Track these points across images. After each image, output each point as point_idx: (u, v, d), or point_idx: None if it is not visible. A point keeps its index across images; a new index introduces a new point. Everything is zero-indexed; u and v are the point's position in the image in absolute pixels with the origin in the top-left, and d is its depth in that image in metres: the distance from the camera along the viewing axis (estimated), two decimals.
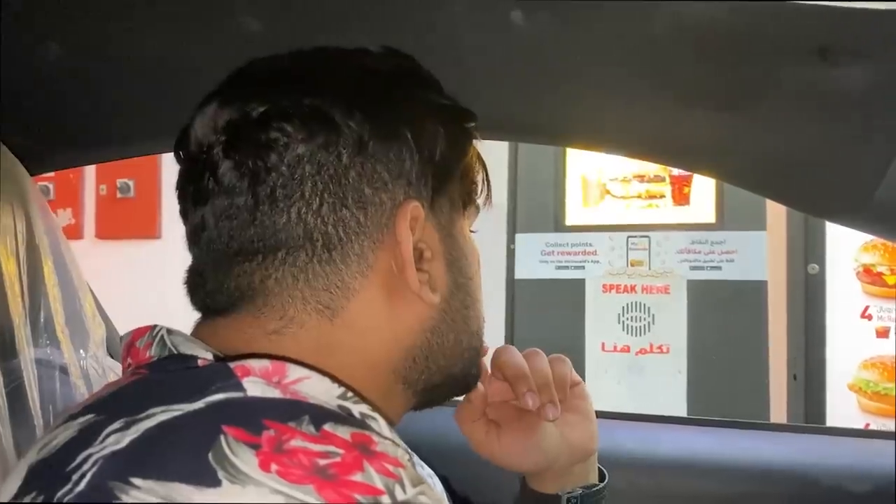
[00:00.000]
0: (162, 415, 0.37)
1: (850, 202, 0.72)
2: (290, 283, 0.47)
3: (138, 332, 0.48)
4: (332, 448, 0.35)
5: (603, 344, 2.19)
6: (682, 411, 2.07)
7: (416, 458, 0.41)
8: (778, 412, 2.13)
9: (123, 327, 0.51)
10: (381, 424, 0.42)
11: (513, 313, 2.18)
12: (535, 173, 2.21)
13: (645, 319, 2.15)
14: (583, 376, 0.67)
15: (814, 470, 0.98)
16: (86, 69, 0.74)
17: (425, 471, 0.79)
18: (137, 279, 2.51)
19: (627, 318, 2.16)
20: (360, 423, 0.41)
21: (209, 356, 0.44)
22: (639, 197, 2.17)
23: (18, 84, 0.72)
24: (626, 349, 2.16)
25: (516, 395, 0.62)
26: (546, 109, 0.78)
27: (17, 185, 0.72)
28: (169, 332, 0.46)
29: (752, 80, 0.65)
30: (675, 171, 2.11)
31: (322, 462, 0.35)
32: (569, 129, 0.83)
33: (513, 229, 2.21)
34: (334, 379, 0.43)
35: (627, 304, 2.16)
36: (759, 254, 2.08)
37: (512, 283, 2.20)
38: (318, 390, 0.42)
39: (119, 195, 2.85)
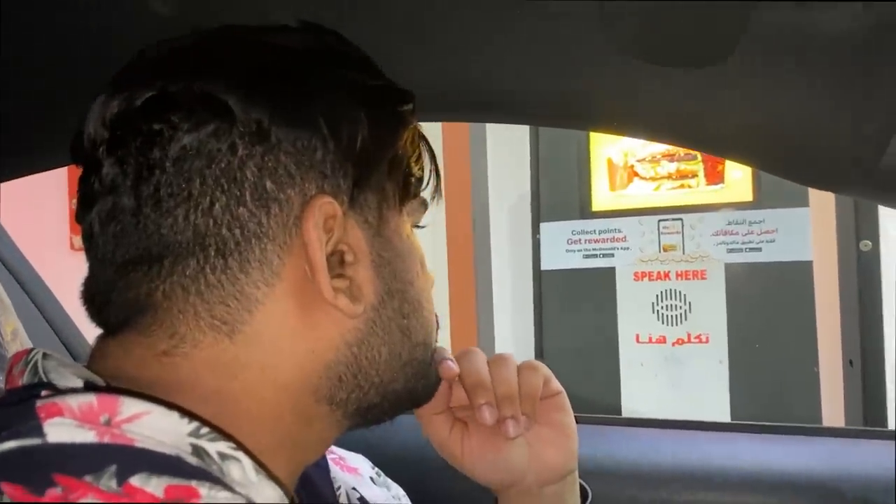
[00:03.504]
0: None
1: (856, 171, 0.63)
2: (179, 296, 0.41)
3: (17, 357, 0.42)
4: None
5: (637, 335, 2.10)
6: (724, 404, 1.97)
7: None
8: (831, 403, 2.01)
9: None
10: (243, 465, 0.36)
11: (541, 307, 2.11)
12: (558, 158, 2.13)
13: (681, 308, 2.04)
14: (617, 370, 0.60)
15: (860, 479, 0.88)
16: (45, 72, 0.71)
17: (391, 491, 0.73)
18: None
19: (662, 307, 2.06)
20: (196, 472, 0.34)
21: (77, 383, 0.38)
22: (669, 177, 2.06)
23: None
24: (662, 340, 2.06)
25: (472, 407, 0.56)
26: (554, 89, 0.71)
27: None
28: (45, 356, 0.41)
29: (722, 29, 0.57)
30: None
31: None
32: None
33: (537, 218, 2.13)
34: (185, 412, 0.37)
35: (662, 292, 2.06)
36: (803, 232, 1.96)
37: (539, 275, 2.13)
38: (162, 427, 0.36)
39: None
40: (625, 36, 0.60)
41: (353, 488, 0.67)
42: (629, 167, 2.09)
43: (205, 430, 0.36)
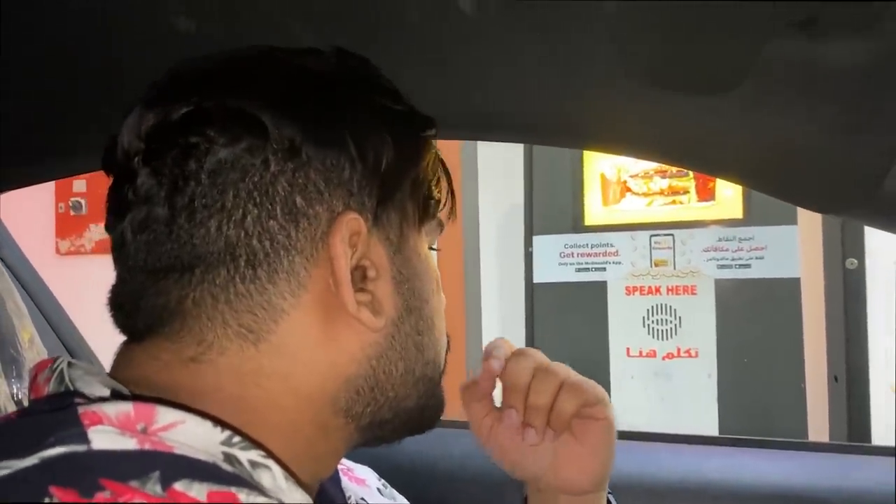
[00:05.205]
0: None
1: (858, 195, 0.65)
2: (209, 304, 0.42)
3: (41, 365, 0.43)
4: None
5: (628, 349, 2.11)
6: (712, 419, 1.98)
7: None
8: (817, 417, 2.03)
9: None
10: (274, 473, 0.37)
11: (532, 319, 2.11)
12: (551, 172, 2.14)
13: (671, 322, 2.06)
14: (607, 383, 0.61)
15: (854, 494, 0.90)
16: (41, 80, 0.71)
17: (397, 501, 0.74)
18: None
19: (653, 322, 2.08)
20: (233, 479, 0.35)
21: (105, 392, 0.39)
22: (661, 193, 2.08)
23: None
24: (653, 354, 2.08)
25: (503, 403, 0.59)
26: (549, 109, 0.73)
27: None
28: (70, 364, 0.42)
29: (734, 59, 0.58)
30: None
31: None
32: (577, 129, 0.78)
33: (530, 231, 2.14)
34: (217, 421, 0.38)
35: (652, 307, 2.08)
36: (792, 249, 1.98)
37: (531, 288, 2.13)
38: (197, 436, 0.37)
39: None
40: (639, 63, 0.61)
41: (362, 498, 0.68)
42: (622, 182, 2.11)
43: (237, 438, 0.38)
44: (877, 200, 0.62)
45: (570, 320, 2.11)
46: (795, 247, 1.98)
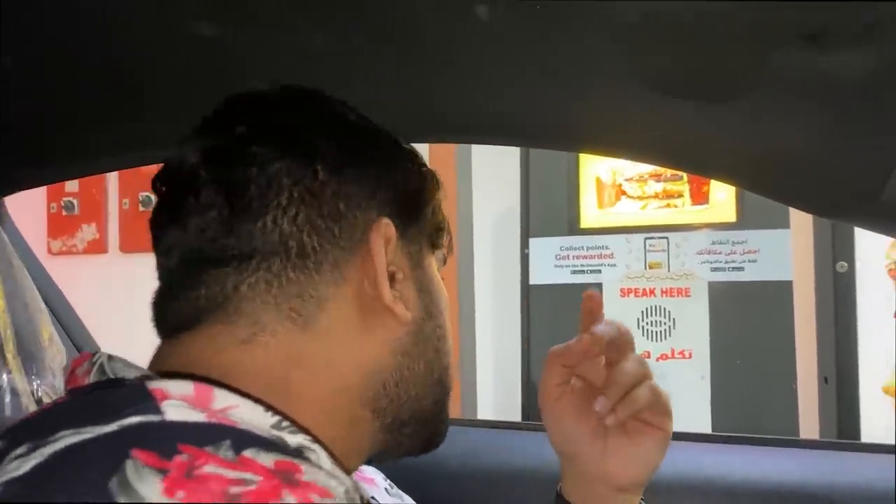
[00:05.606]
0: (71, 437, 0.35)
1: (858, 200, 0.67)
2: (263, 289, 0.47)
3: (79, 360, 0.47)
4: (248, 475, 0.34)
5: None
6: (705, 419, 2.00)
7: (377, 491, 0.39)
8: (808, 418, 2.06)
9: (148, 337, 0.53)
10: (320, 456, 0.40)
11: (528, 321, 2.13)
12: (547, 175, 2.16)
13: (665, 324, 2.08)
14: None
15: (849, 490, 0.92)
16: (42, 82, 0.72)
17: (404, 500, 0.75)
18: None
19: (647, 323, 2.09)
20: (296, 453, 0.38)
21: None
22: (656, 197, 2.10)
23: None
24: (647, 355, 2.09)
25: (600, 390, 0.60)
26: (547, 112, 0.75)
27: None
28: (109, 357, 0.45)
29: (740, 69, 0.60)
30: None
31: (234, 490, 0.33)
32: (576, 133, 0.79)
33: (526, 234, 2.16)
34: (268, 407, 0.41)
35: (647, 309, 2.09)
36: (784, 253, 2.00)
37: (527, 290, 2.15)
38: (250, 418, 0.40)
39: (142, 208, 2.95)
40: (647, 71, 0.63)
41: (373, 497, 0.71)
42: (617, 186, 2.13)
43: (286, 423, 0.41)
44: (877, 206, 0.64)
45: (565, 321, 2.11)
46: (787, 250, 2.00)
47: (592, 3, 0.54)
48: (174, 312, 0.49)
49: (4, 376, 0.67)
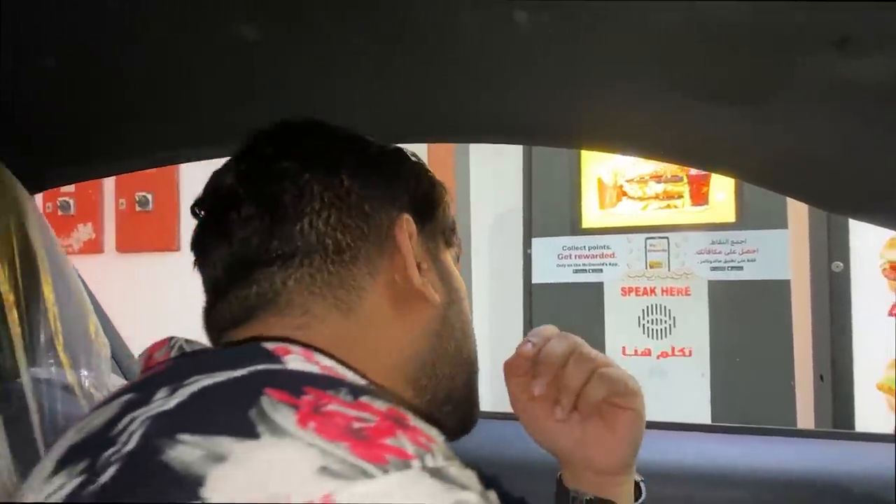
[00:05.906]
0: (206, 380, 0.39)
1: (874, 198, 0.69)
2: (307, 282, 0.52)
3: (156, 346, 0.52)
4: (367, 415, 0.37)
5: (623, 348, 2.16)
6: (705, 415, 2.04)
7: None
8: (805, 414, 2.09)
9: (145, 337, 0.55)
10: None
11: (531, 319, 2.16)
12: (550, 176, 2.19)
13: (666, 322, 2.12)
14: None
15: (846, 477, 0.95)
16: (80, 82, 0.74)
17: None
18: (157, 291, 2.57)
19: (648, 322, 2.13)
20: (405, 404, 0.43)
21: None
22: (656, 197, 2.14)
23: (13, 100, 0.71)
24: (647, 353, 2.13)
25: (532, 374, 0.64)
26: (557, 110, 0.76)
27: (16, 205, 0.71)
28: (187, 341, 0.51)
29: (768, 73, 0.63)
30: (693, 171, 2.08)
31: (356, 425, 0.36)
32: (583, 130, 0.81)
33: (528, 233, 2.19)
34: (357, 373, 0.46)
35: (647, 307, 2.13)
36: (782, 253, 2.04)
37: (529, 288, 2.18)
38: (352, 378, 0.44)
39: (138, 209, 2.94)
40: (678, 74, 0.65)
41: None
42: (618, 187, 2.16)
43: (372, 387, 0.44)
44: (893, 204, 0.67)
45: (567, 319, 2.15)
46: (785, 250, 2.04)
47: (622, 7, 0.56)
48: (224, 313, 0.53)
49: (54, 370, 0.69)
